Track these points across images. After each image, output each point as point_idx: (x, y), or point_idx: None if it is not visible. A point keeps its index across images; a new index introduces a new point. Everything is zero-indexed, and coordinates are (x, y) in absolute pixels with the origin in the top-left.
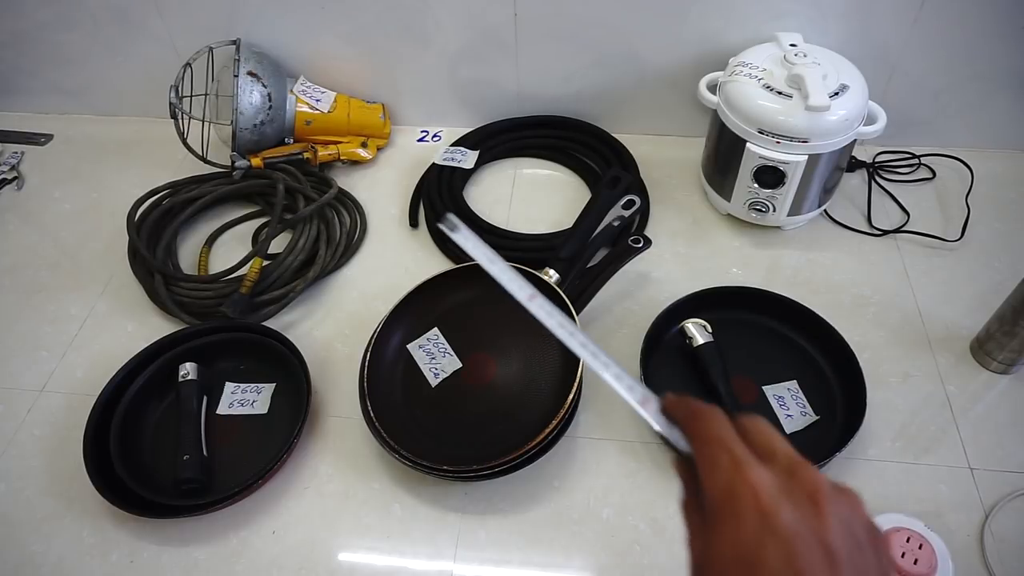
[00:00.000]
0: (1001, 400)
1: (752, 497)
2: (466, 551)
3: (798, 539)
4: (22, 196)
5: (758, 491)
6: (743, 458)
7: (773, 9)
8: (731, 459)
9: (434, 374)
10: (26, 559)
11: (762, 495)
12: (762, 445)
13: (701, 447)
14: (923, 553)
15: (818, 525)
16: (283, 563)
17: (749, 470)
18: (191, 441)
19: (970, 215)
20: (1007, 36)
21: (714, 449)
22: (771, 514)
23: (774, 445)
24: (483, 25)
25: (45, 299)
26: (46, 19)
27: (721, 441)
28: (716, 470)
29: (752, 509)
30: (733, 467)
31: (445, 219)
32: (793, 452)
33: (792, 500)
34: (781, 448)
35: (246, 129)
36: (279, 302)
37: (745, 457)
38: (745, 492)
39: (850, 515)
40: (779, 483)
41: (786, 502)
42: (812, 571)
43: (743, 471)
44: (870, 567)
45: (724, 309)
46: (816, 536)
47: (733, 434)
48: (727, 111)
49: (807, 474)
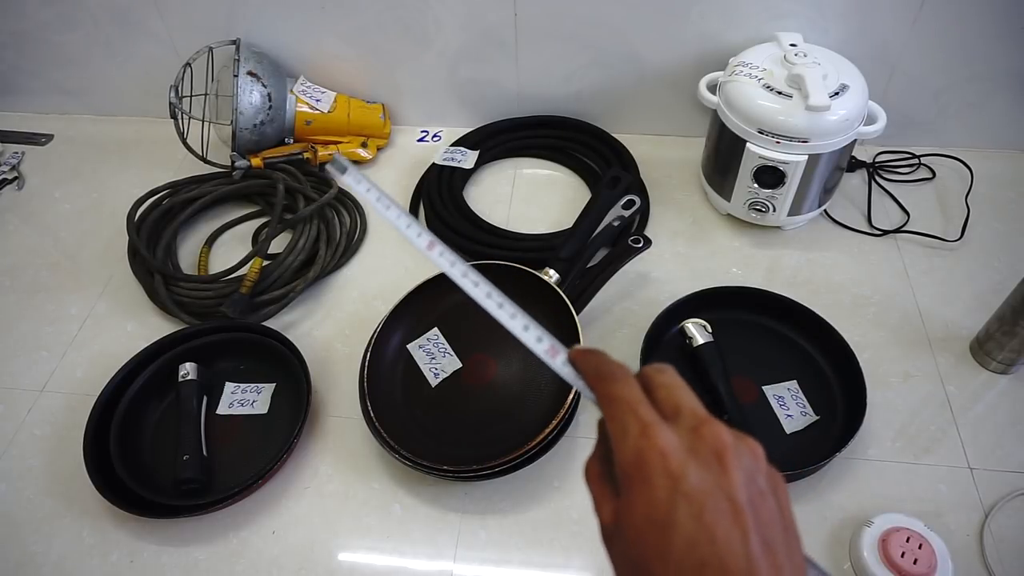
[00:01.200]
0: (1001, 400)
1: (661, 461)
2: (466, 551)
3: (707, 497)
4: (22, 196)
5: (666, 455)
6: (650, 420)
7: (773, 9)
8: (639, 423)
9: (434, 374)
10: (26, 559)
11: (670, 459)
12: (667, 401)
13: (609, 410)
14: (923, 553)
15: (724, 481)
16: (283, 563)
17: (656, 434)
18: (191, 441)
19: (970, 215)
20: (1007, 36)
21: (621, 412)
22: (680, 477)
23: (679, 400)
24: (483, 25)
25: (45, 299)
26: (46, 19)
27: (629, 403)
28: (625, 436)
29: (662, 473)
30: (641, 432)
31: (332, 160)
32: (697, 406)
33: (699, 459)
34: (687, 403)
35: (246, 129)
36: (279, 302)
37: (652, 419)
38: (654, 457)
39: (753, 465)
40: (686, 443)
41: (693, 462)
42: (720, 525)
43: (651, 435)
44: (771, 512)
45: (724, 309)
46: (723, 491)
47: (639, 394)
48: (727, 111)
49: (711, 430)
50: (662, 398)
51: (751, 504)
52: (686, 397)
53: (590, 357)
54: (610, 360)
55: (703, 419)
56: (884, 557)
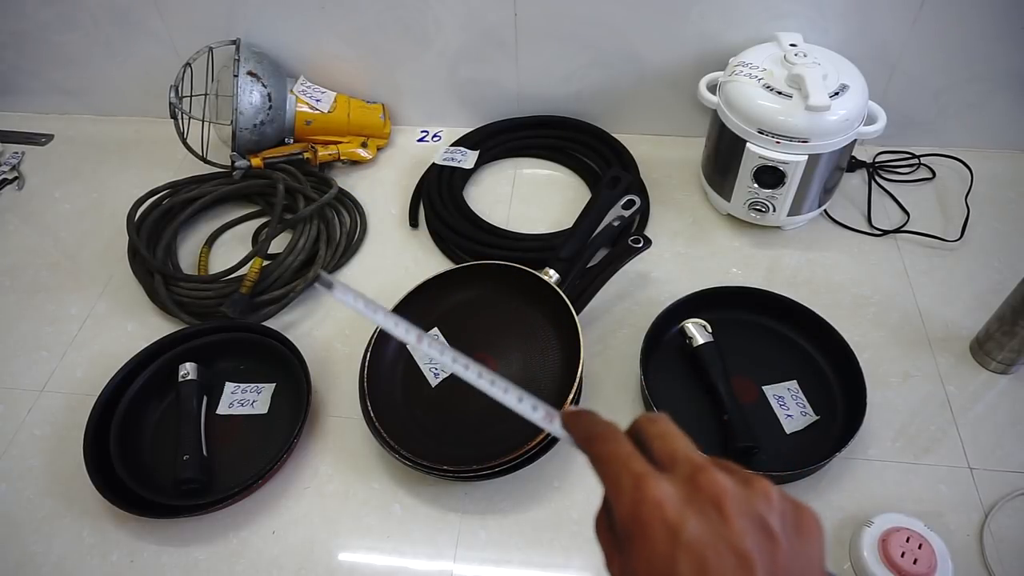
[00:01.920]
0: (1000, 400)
1: (658, 514)
2: (466, 551)
3: (707, 548)
4: (22, 196)
5: (663, 507)
6: (643, 473)
7: (773, 9)
8: (632, 478)
9: (434, 374)
10: (26, 559)
11: (667, 510)
12: (662, 451)
13: (601, 468)
14: (923, 553)
15: (726, 530)
16: (283, 563)
17: (651, 486)
18: (191, 441)
19: (970, 215)
20: (1007, 36)
21: (614, 469)
22: (678, 528)
23: (674, 449)
24: (483, 25)
25: (45, 299)
26: (47, 19)
27: (619, 459)
28: (619, 491)
29: (659, 526)
30: (634, 485)
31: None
32: (694, 454)
33: (697, 509)
34: (681, 451)
35: (246, 129)
36: (279, 302)
37: (645, 472)
38: (650, 510)
39: (763, 507)
40: (683, 493)
41: (691, 512)
42: None
43: (645, 488)
44: (787, 556)
45: (724, 309)
46: (725, 542)
47: (630, 448)
48: (727, 111)
49: (708, 478)
50: (657, 448)
51: (760, 550)
52: (681, 445)
53: (579, 419)
54: (598, 419)
55: (699, 466)
56: (884, 557)
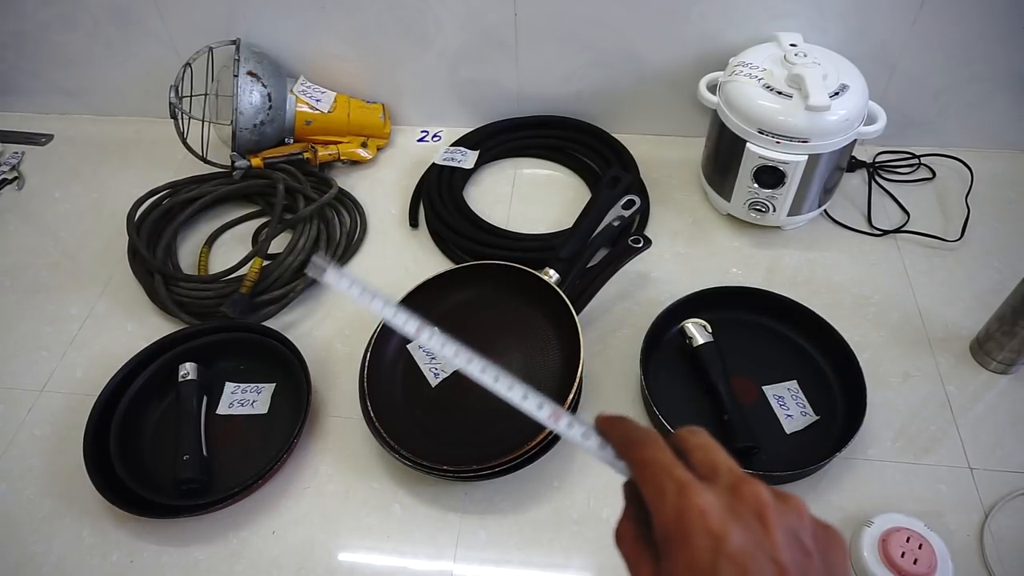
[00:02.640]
0: (1001, 400)
1: (701, 521)
2: (466, 551)
3: (750, 559)
4: (22, 196)
5: (706, 514)
6: (687, 481)
7: (773, 9)
8: (675, 484)
9: (434, 374)
10: (26, 559)
11: (711, 518)
12: (703, 462)
13: (643, 474)
14: (923, 553)
15: (767, 541)
16: (283, 563)
17: (695, 494)
18: (191, 441)
19: (970, 215)
20: (1007, 36)
21: (657, 475)
22: (722, 537)
23: (716, 460)
24: (483, 25)
25: (45, 299)
26: (47, 19)
27: (662, 466)
28: (662, 497)
29: (703, 534)
30: (679, 492)
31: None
32: (735, 466)
33: (740, 519)
34: (723, 463)
35: (246, 129)
36: (279, 302)
37: (689, 480)
38: (694, 517)
39: (797, 524)
40: (725, 503)
41: (735, 522)
42: None
43: (689, 496)
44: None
45: (724, 309)
46: (766, 553)
47: (672, 456)
48: (727, 111)
49: (751, 489)
50: (698, 459)
51: (796, 564)
52: (722, 457)
53: (618, 424)
54: (639, 426)
55: (742, 478)
56: (884, 557)
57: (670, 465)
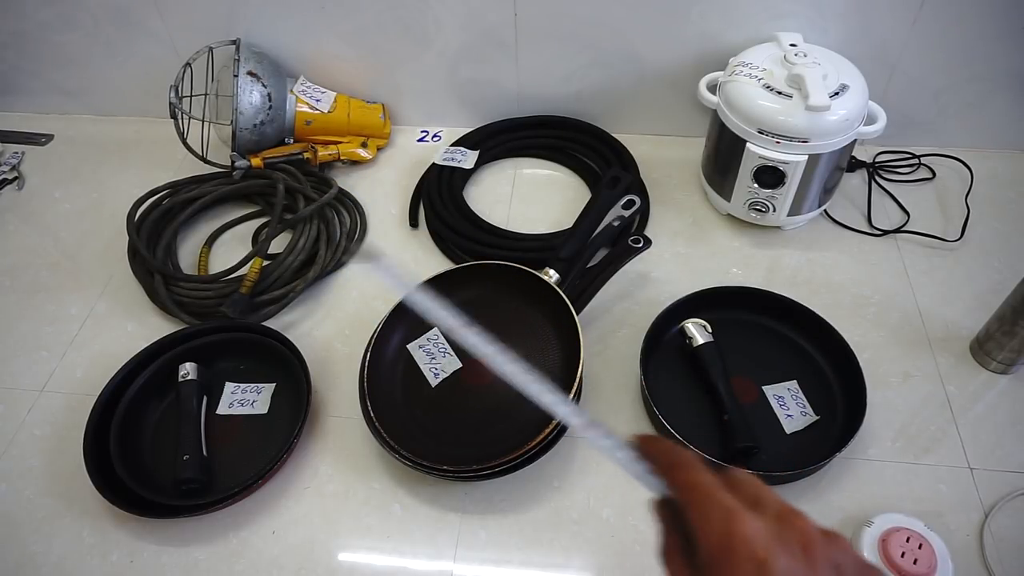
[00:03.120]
0: (1000, 400)
1: (747, 546)
2: (466, 551)
3: None
4: (22, 196)
5: (753, 540)
6: (734, 507)
7: (773, 9)
8: (723, 511)
9: (434, 374)
10: (26, 559)
11: (757, 544)
12: (750, 494)
13: (689, 496)
14: (923, 553)
15: (810, 573)
16: (283, 563)
17: (742, 519)
18: (191, 441)
19: (970, 215)
20: (1007, 36)
21: (703, 498)
22: (766, 563)
23: (761, 494)
24: (483, 25)
25: (45, 299)
26: (47, 19)
27: (708, 490)
28: (709, 519)
29: (748, 558)
30: (726, 516)
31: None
32: (782, 500)
33: (785, 548)
34: (770, 496)
35: (246, 129)
36: (279, 302)
37: (736, 506)
38: (740, 541)
39: (841, 558)
40: (772, 531)
41: (780, 550)
42: None
43: (736, 520)
44: None
45: (724, 309)
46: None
47: (713, 478)
48: (727, 111)
49: (798, 522)
50: (744, 491)
51: None
52: (768, 492)
53: (657, 445)
54: (676, 447)
55: (789, 511)
56: (884, 557)
57: (715, 489)
